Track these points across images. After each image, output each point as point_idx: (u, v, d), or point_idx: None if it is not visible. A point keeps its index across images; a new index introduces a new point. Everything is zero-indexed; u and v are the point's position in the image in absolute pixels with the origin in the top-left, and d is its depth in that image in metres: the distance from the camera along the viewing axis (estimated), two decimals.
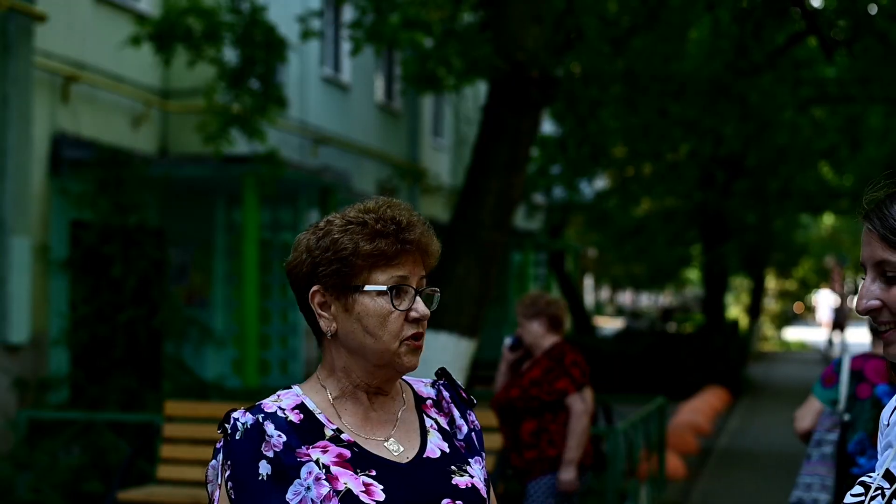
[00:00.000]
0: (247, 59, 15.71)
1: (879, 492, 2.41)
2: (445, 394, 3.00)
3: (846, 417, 6.09)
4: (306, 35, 17.63)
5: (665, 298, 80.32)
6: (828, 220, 50.55)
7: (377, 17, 17.16)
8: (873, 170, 29.93)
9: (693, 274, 51.95)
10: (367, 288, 2.78)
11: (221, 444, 2.76)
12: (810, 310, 75.33)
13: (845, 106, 22.47)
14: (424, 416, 2.93)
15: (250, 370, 17.98)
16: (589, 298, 61.02)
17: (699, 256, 35.95)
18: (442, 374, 3.05)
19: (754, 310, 46.22)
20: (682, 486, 14.81)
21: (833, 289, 62.75)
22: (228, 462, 2.72)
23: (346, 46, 26.64)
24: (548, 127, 33.88)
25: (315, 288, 2.82)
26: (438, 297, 2.90)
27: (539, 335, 7.96)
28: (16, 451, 10.52)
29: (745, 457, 17.18)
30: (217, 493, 2.77)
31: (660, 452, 12.94)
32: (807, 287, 66.02)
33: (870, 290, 2.40)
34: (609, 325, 51.87)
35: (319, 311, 2.82)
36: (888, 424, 2.55)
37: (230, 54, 16.79)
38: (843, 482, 5.89)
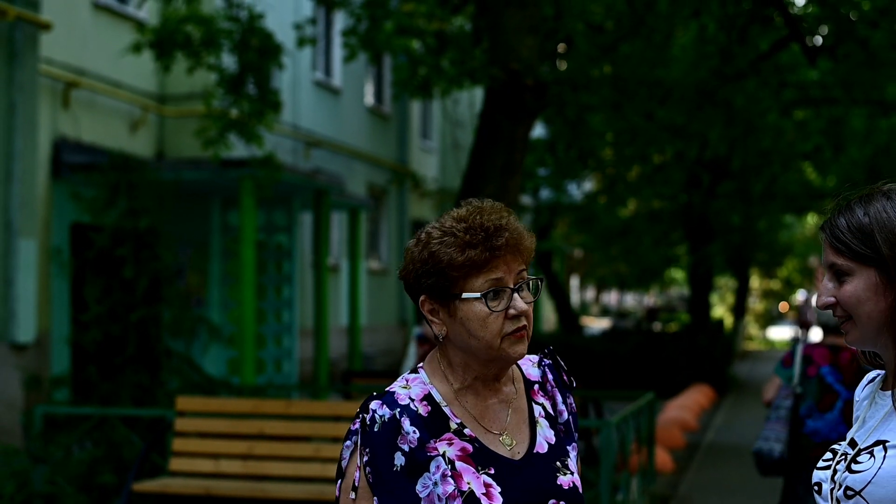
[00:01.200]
0: (244, 65, 16.04)
1: (844, 457, 2.86)
2: (550, 376, 3.26)
3: (798, 390, 8.04)
4: (302, 42, 17.99)
5: (650, 298, 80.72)
6: (812, 220, 51.01)
7: (371, 24, 17.52)
8: (856, 171, 30.43)
9: (678, 274, 52.35)
10: (464, 296, 3.01)
11: (358, 429, 3.03)
12: (794, 309, 75.81)
13: (828, 108, 22.77)
14: (533, 404, 3.18)
15: (248, 369, 18.36)
16: (574, 298, 61.42)
17: (684, 256, 36.34)
18: (549, 353, 3.33)
19: (739, 309, 46.65)
20: (671, 479, 15.26)
21: (816, 288, 63.36)
22: (367, 450, 3.00)
23: (337, 51, 27.07)
24: (537, 130, 34.33)
25: (423, 297, 3.08)
26: (542, 283, 3.14)
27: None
28: (31, 445, 10.90)
29: (730, 451, 17.63)
30: (357, 475, 3.01)
31: (649, 446, 13.33)
32: (791, 287, 66.54)
33: (826, 288, 2.88)
34: (596, 324, 52.30)
35: (430, 318, 3.08)
36: (859, 399, 3.02)
37: (228, 60, 17.14)
38: (795, 437, 7.96)
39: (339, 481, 3.08)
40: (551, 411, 3.20)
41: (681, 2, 16.32)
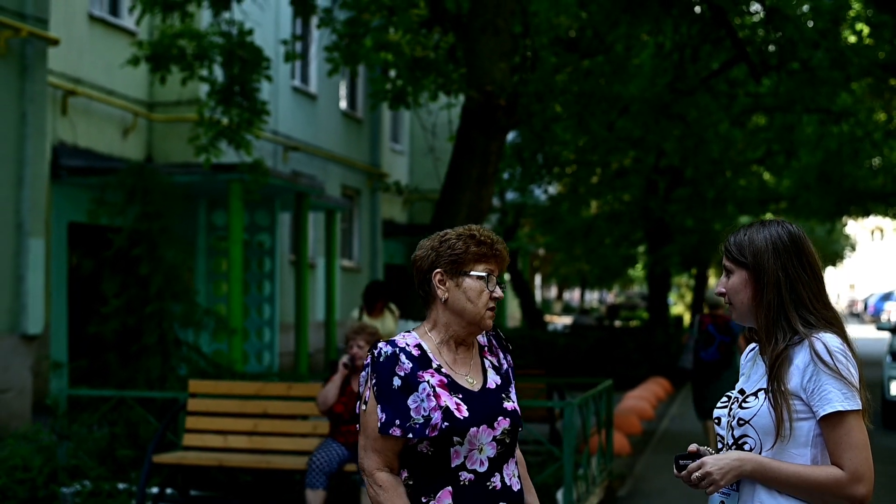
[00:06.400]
0: (234, 77, 17.15)
1: (736, 400, 4.28)
2: (494, 342, 4.63)
3: (696, 336, 16.18)
4: (289, 57, 19.18)
5: (611, 296, 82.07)
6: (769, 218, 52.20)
7: (352, 41, 18.69)
8: (808, 175, 31.80)
9: (639, 272, 53.54)
10: (472, 273, 4.40)
11: (370, 362, 4.33)
12: None
13: (782, 115, 23.92)
14: (484, 359, 4.54)
15: (236, 359, 19.58)
16: (536, 296, 62.69)
17: (644, 256, 37.68)
18: (492, 327, 4.71)
19: (697, 307, 47.81)
20: (628, 460, 16.65)
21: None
22: (374, 374, 4.30)
23: (314, 60, 28.28)
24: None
25: (437, 270, 4.41)
26: (506, 288, 4.65)
27: None
28: (57, 424, 12.13)
29: (683, 437, 18.94)
30: (368, 393, 4.34)
31: (608, 429, 14.61)
32: None
33: (721, 282, 4.35)
34: (559, 321, 53.60)
35: (438, 285, 4.41)
36: (744, 363, 4.43)
37: (218, 72, 18.30)
38: (696, 360, 16.08)
39: (358, 401, 4.44)
40: (496, 364, 4.56)
41: (640, 22, 17.66)
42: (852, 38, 19.51)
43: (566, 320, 55.14)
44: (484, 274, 4.43)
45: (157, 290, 13.06)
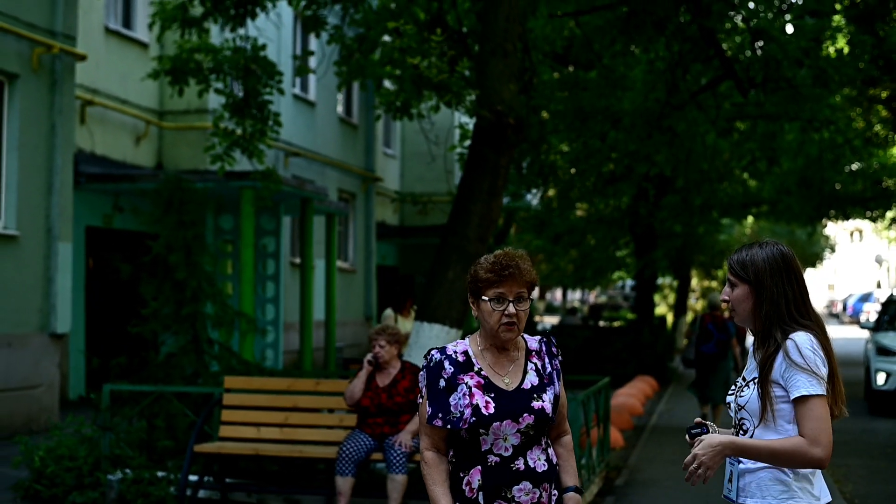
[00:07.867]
0: (248, 90, 17.94)
1: (739, 388, 5.30)
2: (543, 348, 5.45)
3: (697, 332, 19.93)
4: (301, 71, 20.07)
5: (592, 296, 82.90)
6: (750, 221, 53.09)
7: (360, 56, 19.55)
8: (789, 180, 32.77)
9: (623, 274, 54.35)
10: (483, 298, 5.25)
11: (424, 366, 5.30)
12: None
13: (764, 123, 24.85)
14: (528, 362, 5.38)
15: (248, 358, 20.45)
16: None
17: (630, 257, 38.57)
18: (546, 335, 5.62)
19: (679, 307, 48.60)
20: (622, 453, 17.72)
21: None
22: (425, 377, 5.29)
23: (313, 68, 29.16)
24: None
25: (469, 294, 5.35)
26: (531, 302, 5.47)
27: (394, 356, 11.60)
28: (100, 417, 13.05)
29: (671, 432, 20.00)
30: (424, 390, 5.29)
31: (605, 423, 15.58)
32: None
33: (725, 292, 5.36)
34: (547, 321, 54.47)
35: (472, 305, 5.34)
36: (750, 353, 5.45)
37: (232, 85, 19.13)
38: (697, 352, 19.61)
39: (418, 395, 5.45)
40: (540, 368, 5.37)
41: (634, 42, 18.63)
42: (833, 52, 20.49)
43: (553, 320, 56.04)
44: (488, 299, 5.28)
45: (192, 294, 14.03)
